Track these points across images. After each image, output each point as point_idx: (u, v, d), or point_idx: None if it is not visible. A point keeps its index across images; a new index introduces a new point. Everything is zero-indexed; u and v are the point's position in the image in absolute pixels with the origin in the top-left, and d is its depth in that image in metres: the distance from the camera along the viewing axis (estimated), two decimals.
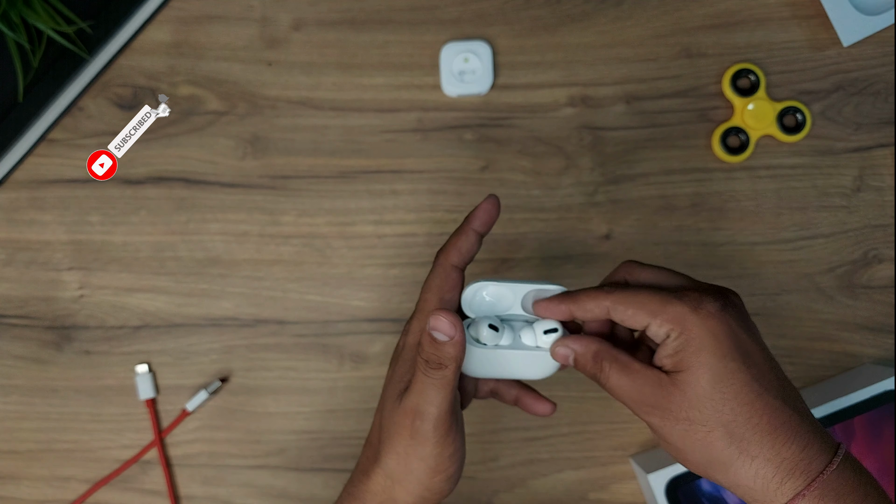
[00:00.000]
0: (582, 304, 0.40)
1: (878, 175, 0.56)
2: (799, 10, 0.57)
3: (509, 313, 0.42)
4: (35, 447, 0.56)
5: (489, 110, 0.56)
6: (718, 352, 0.37)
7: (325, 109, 0.57)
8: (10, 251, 0.56)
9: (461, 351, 0.39)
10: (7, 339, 0.56)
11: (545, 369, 0.42)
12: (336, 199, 0.56)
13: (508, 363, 0.41)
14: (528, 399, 0.45)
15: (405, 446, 0.40)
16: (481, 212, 0.43)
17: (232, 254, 0.56)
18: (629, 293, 0.39)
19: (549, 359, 0.42)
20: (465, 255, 0.43)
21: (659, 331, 0.38)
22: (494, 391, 0.46)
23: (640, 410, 0.38)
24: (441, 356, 0.38)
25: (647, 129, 0.56)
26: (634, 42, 0.57)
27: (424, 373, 0.39)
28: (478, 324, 0.41)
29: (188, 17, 0.56)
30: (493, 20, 0.57)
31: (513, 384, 0.46)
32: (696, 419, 0.37)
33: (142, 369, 0.56)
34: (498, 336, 0.41)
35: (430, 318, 0.39)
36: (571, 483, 0.56)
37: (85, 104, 0.56)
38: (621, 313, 0.39)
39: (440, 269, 0.43)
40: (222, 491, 0.56)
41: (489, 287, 0.42)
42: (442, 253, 0.43)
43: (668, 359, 0.38)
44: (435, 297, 0.42)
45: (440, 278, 0.42)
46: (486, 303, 0.42)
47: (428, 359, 0.39)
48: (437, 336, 0.38)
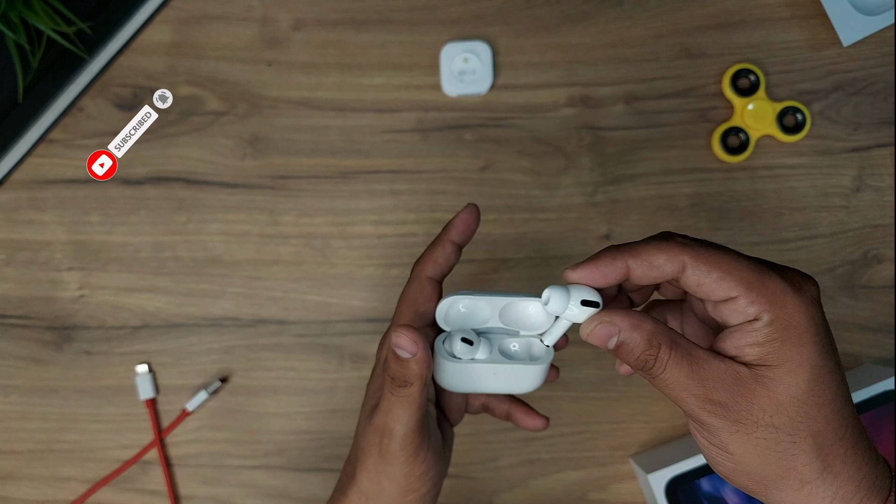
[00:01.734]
0: (647, 258, 0.32)
1: (878, 175, 0.56)
2: (799, 10, 0.57)
3: (486, 326, 0.40)
4: (35, 447, 0.56)
5: (489, 110, 0.56)
6: (820, 347, 0.31)
7: (325, 109, 0.57)
8: (10, 251, 0.56)
9: (425, 368, 0.37)
10: (7, 339, 0.56)
11: (529, 383, 0.40)
12: (336, 199, 0.56)
13: (487, 377, 0.40)
14: (520, 413, 0.44)
15: (375, 465, 0.39)
16: (459, 222, 0.41)
17: (232, 254, 0.56)
18: (713, 252, 0.32)
19: (533, 371, 0.39)
20: (442, 267, 0.41)
21: (748, 309, 0.31)
22: (486, 406, 0.45)
23: (701, 409, 0.31)
24: (405, 373, 0.37)
25: (646, 129, 0.56)
26: (634, 42, 0.57)
27: (391, 390, 0.38)
28: (452, 337, 0.39)
29: (188, 17, 0.56)
30: (493, 20, 0.57)
31: (504, 398, 0.45)
32: (781, 426, 0.30)
33: (142, 369, 0.56)
34: (473, 350, 0.39)
35: (392, 334, 0.37)
36: (571, 483, 0.56)
37: (85, 104, 0.56)
38: (700, 277, 0.31)
39: (415, 281, 0.41)
40: (222, 491, 0.56)
41: (464, 300, 0.40)
42: (418, 264, 0.41)
43: (754, 348, 0.31)
44: (409, 310, 0.41)
45: (415, 291, 0.41)
46: (461, 315, 0.40)
47: (393, 376, 0.38)
48: (399, 353, 0.37)
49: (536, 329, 0.40)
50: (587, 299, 0.34)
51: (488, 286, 0.56)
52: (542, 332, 0.40)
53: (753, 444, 0.31)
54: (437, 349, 0.39)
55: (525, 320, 0.40)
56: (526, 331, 0.40)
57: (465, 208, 0.41)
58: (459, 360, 0.39)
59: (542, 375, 0.40)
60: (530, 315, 0.40)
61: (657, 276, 0.32)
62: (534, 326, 0.40)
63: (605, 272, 0.33)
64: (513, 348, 0.40)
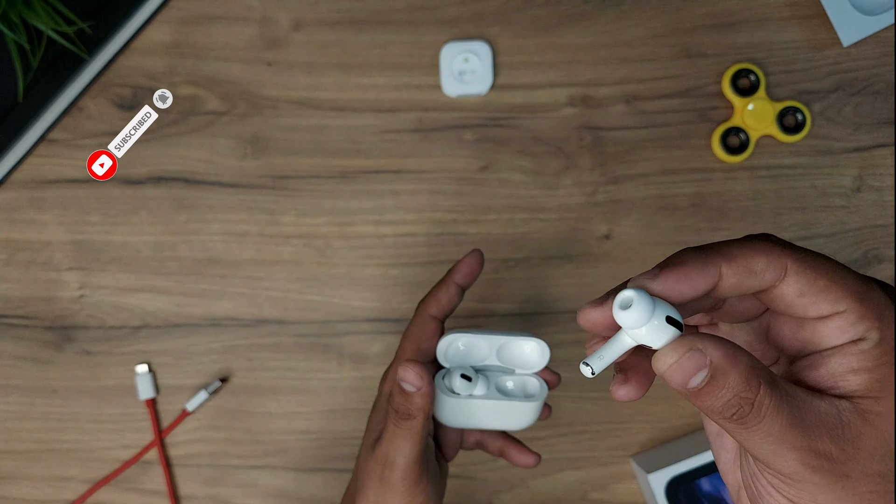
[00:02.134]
0: (745, 262, 0.25)
1: (878, 175, 0.56)
2: (799, 10, 0.57)
3: (484, 364, 0.43)
4: (35, 447, 0.56)
5: (489, 110, 0.56)
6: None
7: (325, 109, 0.57)
8: (10, 251, 0.56)
9: (428, 402, 0.39)
10: (7, 339, 0.56)
11: (523, 420, 0.42)
12: (336, 199, 0.56)
13: (484, 413, 0.42)
14: (513, 450, 0.46)
15: (375, 495, 0.40)
16: (464, 266, 0.44)
17: (232, 254, 0.56)
18: (815, 256, 0.26)
19: (527, 408, 0.42)
20: (445, 307, 0.44)
21: (856, 326, 0.25)
22: (479, 442, 0.47)
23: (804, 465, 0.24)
24: (409, 406, 0.39)
25: (647, 129, 0.56)
26: (634, 42, 0.57)
27: (394, 423, 0.40)
28: (451, 373, 0.41)
29: (188, 17, 0.56)
30: (493, 20, 0.56)
31: (497, 435, 0.46)
32: (888, 474, 0.24)
33: (142, 369, 0.56)
34: (471, 386, 0.41)
35: (399, 368, 0.39)
36: (571, 483, 0.56)
37: (85, 104, 0.56)
38: (804, 285, 0.25)
39: (419, 318, 0.44)
40: (222, 491, 0.56)
41: (464, 338, 0.42)
42: (422, 303, 0.44)
43: (860, 375, 0.24)
44: (412, 346, 0.43)
45: (418, 328, 0.43)
46: (460, 353, 0.43)
47: (398, 409, 0.40)
48: (405, 386, 0.39)
49: (531, 368, 0.43)
50: (673, 317, 0.25)
51: (488, 286, 0.56)
52: (536, 371, 0.42)
53: (857, 501, 0.24)
54: (437, 385, 0.42)
55: (521, 359, 0.43)
56: (521, 369, 0.43)
57: (470, 253, 0.44)
58: (458, 395, 0.41)
59: (536, 412, 0.42)
60: (526, 354, 0.43)
61: (752, 286, 0.26)
62: (529, 365, 0.43)
63: (695, 282, 0.25)
64: (509, 386, 0.43)
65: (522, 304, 0.56)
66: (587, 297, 0.56)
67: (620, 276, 0.56)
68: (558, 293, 0.56)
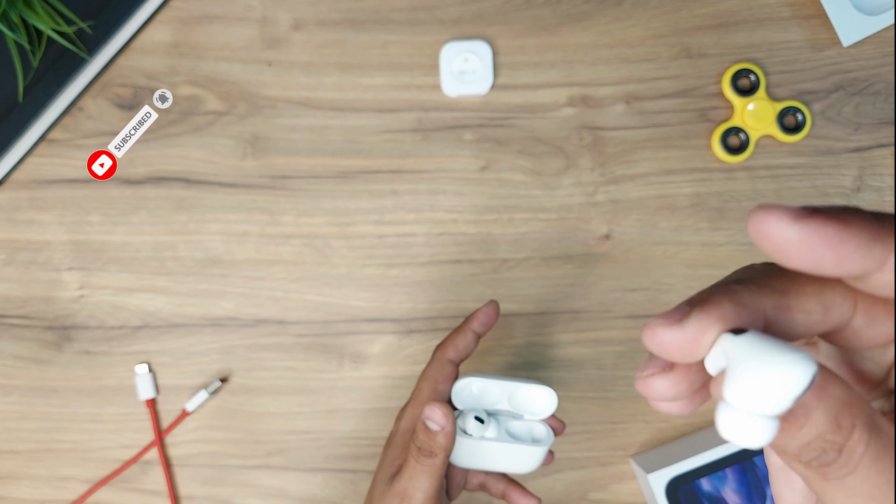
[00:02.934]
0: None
1: (878, 175, 0.56)
2: (799, 10, 0.57)
3: (496, 408, 0.45)
4: (35, 447, 0.56)
5: (489, 110, 0.56)
6: None
7: (325, 109, 0.57)
8: (10, 251, 0.56)
9: (451, 441, 0.41)
10: (7, 339, 0.56)
11: (529, 464, 0.44)
12: (336, 199, 0.56)
13: (493, 455, 0.44)
14: (514, 494, 0.47)
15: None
16: (482, 315, 0.46)
17: (232, 254, 0.56)
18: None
19: (534, 453, 0.43)
20: (461, 352, 0.46)
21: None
22: (483, 484, 0.48)
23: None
24: (432, 444, 0.41)
25: (647, 129, 0.56)
26: (634, 42, 0.57)
27: (416, 459, 0.42)
28: (465, 415, 0.44)
29: (188, 17, 0.56)
30: (493, 20, 0.56)
31: (500, 478, 0.48)
32: None
33: (142, 369, 0.56)
34: (484, 428, 0.43)
35: (425, 407, 0.41)
36: (571, 483, 0.56)
37: (85, 104, 0.56)
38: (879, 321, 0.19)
39: (437, 362, 0.46)
40: (222, 491, 0.56)
41: (477, 382, 0.44)
42: (440, 348, 0.46)
43: None
44: (429, 388, 0.45)
45: (436, 370, 0.45)
46: (473, 396, 0.45)
47: (420, 446, 0.41)
48: (430, 425, 0.41)
49: (540, 414, 0.45)
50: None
51: (488, 286, 0.56)
52: (544, 417, 0.44)
53: None
54: None
55: (530, 405, 0.45)
56: (530, 415, 0.45)
57: (488, 303, 0.46)
58: (471, 436, 0.43)
59: (542, 457, 0.44)
60: (536, 401, 0.45)
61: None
62: (537, 412, 0.45)
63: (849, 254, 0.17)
64: (517, 430, 0.45)
65: (522, 304, 0.56)
66: (587, 297, 0.56)
67: (621, 276, 0.56)
68: (558, 293, 0.56)
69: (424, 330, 0.56)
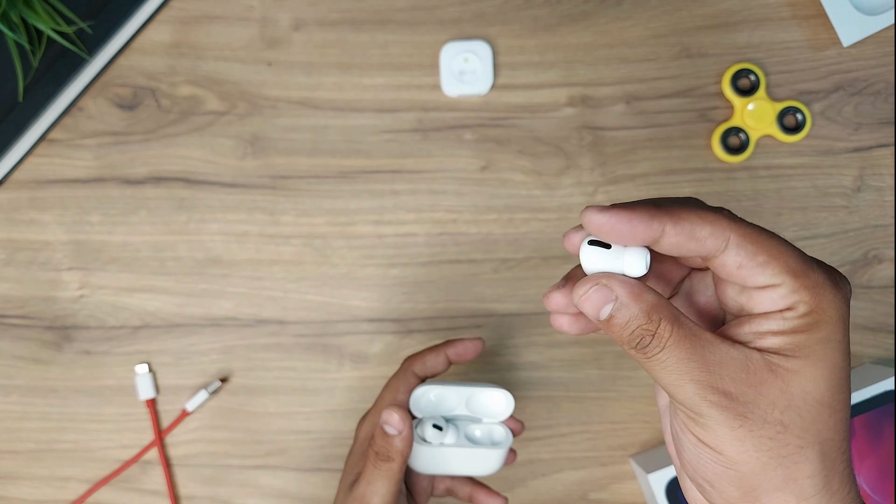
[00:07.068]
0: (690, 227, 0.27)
1: (879, 175, 0.56)
2: (799, 10, 0.57)
3: (453, 413, 0.46)
4: (35, 447, 0.56)
5: (489, 110, 0.56)
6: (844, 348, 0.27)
7: (325, 109, 0.57)
8: (10, 251, 0.56)
9: (407, 446, 0.42)
10: (7, 339, 0.56)
11: (490, 466, 0.45)
12: (336, 199, 0.56)
13: (454, 461, 0.45)
14: (481, 495, 0.48)
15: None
16: (461, 346, 0.46)
17: (232, 254, 0.56)
18: (760, 233, 0.28)
19: (494, 455, 0.45)
20: (428, 370, 0.46)
21: (788, 298, 0.27)
22: (450, 489, 0.49)
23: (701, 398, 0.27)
24: (389, 449, 0.42)
25: (647, 129, 0.56)
26: (634, 42, 0.57)
27: (374, 464, 0.43)
28: (423, 423, 0.45)
29: (188, 17, 0.56)
30: (493, 20, 0.56)
31: (466, 482, 0.49)
32: (791, 426, 0.26)
33: (142, 369, 0.56)
34: (442, 435, 0.44)
35: (383, 412, 0.43)
36: (571, 483, 0.56)
37: (85, 104, 0.56)
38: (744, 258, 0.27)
39: (402, 372, 0.46)
40: (222, 491, 0.56)
41: (435, 389, 0.45)
42: (409, 359, 0.47)
43: (778, 336, 0.27)
44: (390, 396, 0.46)
45: (399, 380, 0.46)
46: (431, 403, 0.45)
47: (378, 451, 0.42)
48: (387, 429, 0.42)
49: (497, 417, 0.46)
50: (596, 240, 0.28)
51: (488, 286, 0.56)
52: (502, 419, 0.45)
53: (755, 444, 0.26)
54: None
55: (488, 409, 0.46)
56: (488, 418, 0.46)
57: (473, 339, 0.47)
58: (430, 444, 0.44)
59: (502, 459, 0.45)
60: (493, 404, 0.46)
61: (692, 250, 0.27)
62: (495, 414, 0.46)
63: (635, 228, 0.27)
64: (477, 434, 0.46)
65: (522, 304, 0.56)
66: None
67: None
68: None
69: (424, 330, 0.56)
